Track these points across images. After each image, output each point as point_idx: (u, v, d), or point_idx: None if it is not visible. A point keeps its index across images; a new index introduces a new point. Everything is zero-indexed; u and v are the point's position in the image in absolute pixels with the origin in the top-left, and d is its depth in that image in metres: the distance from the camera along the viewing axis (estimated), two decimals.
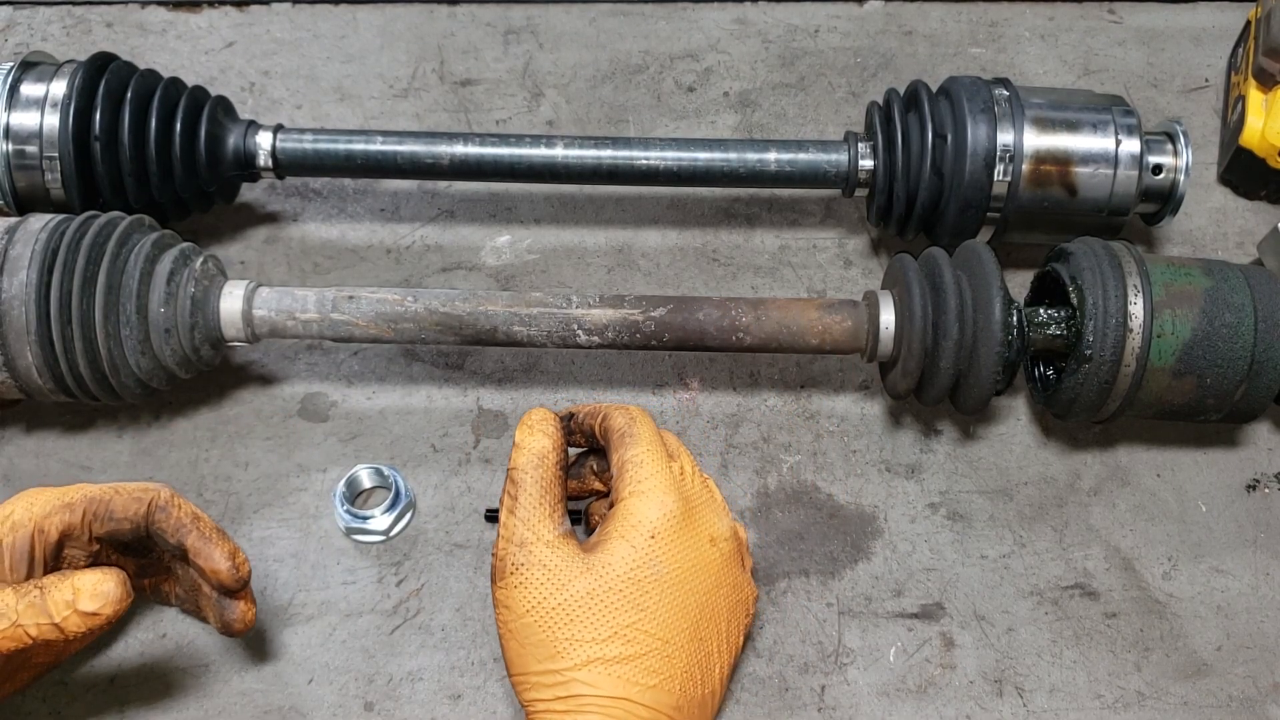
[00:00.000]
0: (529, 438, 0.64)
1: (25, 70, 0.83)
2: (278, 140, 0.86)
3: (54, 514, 0.64)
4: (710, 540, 0.64)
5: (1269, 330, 0.74)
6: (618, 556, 0.62)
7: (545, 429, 0.65)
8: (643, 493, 0.64)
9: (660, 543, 0.63)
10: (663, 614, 0.62)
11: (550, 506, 0.63)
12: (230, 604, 0.68)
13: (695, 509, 0.65)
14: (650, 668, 0.61)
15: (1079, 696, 0.74)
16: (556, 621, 0.60)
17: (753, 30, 1.07)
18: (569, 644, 0.60)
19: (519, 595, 0.61)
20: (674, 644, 0.62)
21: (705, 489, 0.67)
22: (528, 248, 0.94)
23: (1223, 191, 0.98)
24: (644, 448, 0.65)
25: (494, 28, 1.06)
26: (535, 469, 0.64)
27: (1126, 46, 1.06)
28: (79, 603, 0.58)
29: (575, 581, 0.61)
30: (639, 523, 0.63)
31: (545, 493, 0.63)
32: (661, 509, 0.63)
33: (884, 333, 0.76)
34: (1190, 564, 0.79)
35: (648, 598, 0.61)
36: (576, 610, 0.61)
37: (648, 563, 0.62)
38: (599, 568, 0.62)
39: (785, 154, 0.86)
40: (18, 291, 0.71)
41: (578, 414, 0.70)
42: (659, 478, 0.64)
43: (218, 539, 0.65)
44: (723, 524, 0.66)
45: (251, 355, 0.87)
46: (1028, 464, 0.83)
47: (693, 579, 0.63)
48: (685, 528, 0.64)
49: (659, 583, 0.62)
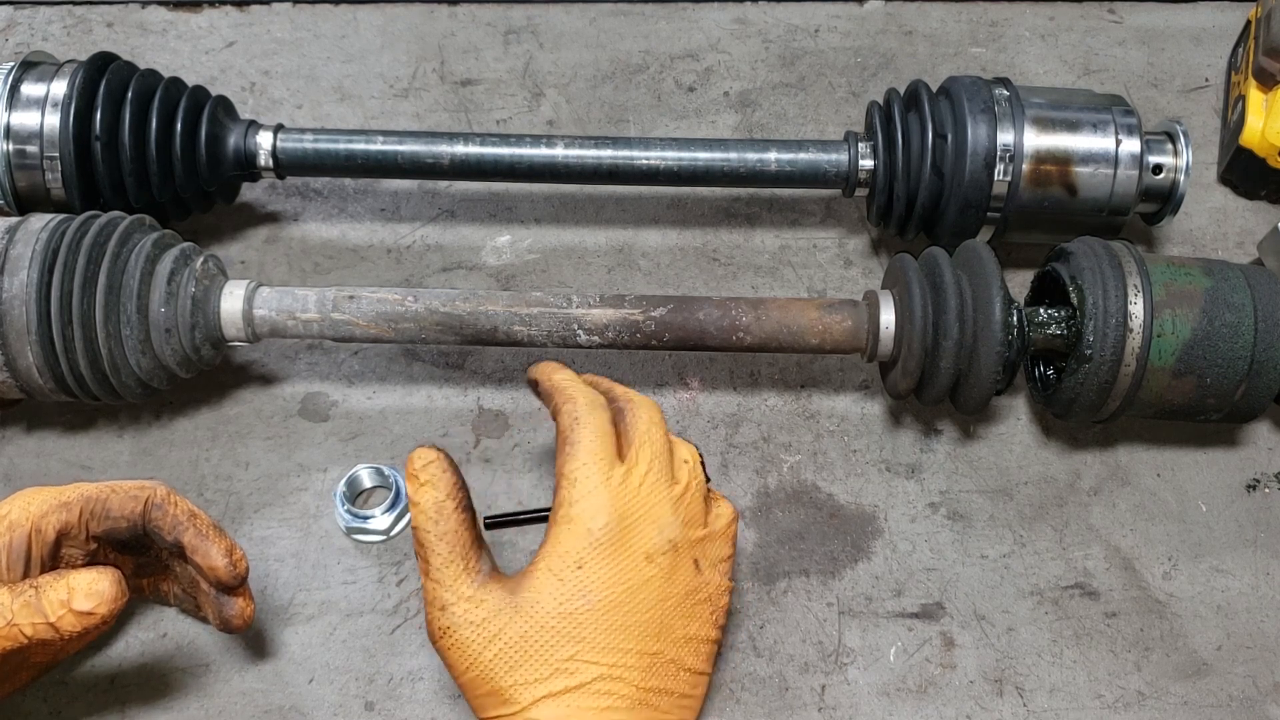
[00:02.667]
0: (419, 492, 0.61)
1: (26, 70, 0.83)
2: (278, 140, 0.86)
3: (51, 513, 0.63)
4: (646, 558, 0.62)
5: (1269, 330, 0.74)
6: (546, 593, 0.60)
7: (433, 479, 0.61)
8: (571, 519, 0.61)
9: (588, 571, 0.61)
10: (601, 640, 0.60)
11: (462, 558, 0.60)
12: (229, 601, 0.68)
13: (631, 526, 0.62)
14: (600, 690, 0.60)
15: (1079, 696, 0.74)
16: (497, 670, 0.60)
17: (753, 30, 1.07)
18: (514, 689, 0.59)
19: (455, 655, 0.60)
20: (621, 664, 0.60)
21: (655, 493, 0.63)
22: (528, 247, 0.94)
23: (1223, 191, 0.98)
24: (580, 461, 0.62)
25: (494, 28, 1.07)
26: (435, 525, 0.60)
27: (1127, 46, 1.06)
28: (74, 602, 0.58)
29: (507, 629, 0.60)
30: (565, 553, 0.61)
31: (453, 547, 0.60)
32: (588, 537, 0.61)
33: (884, 332, 0.76)
34: (1190, 564, 0.79)
35: (583, 629, 0.60)
36: (513, 656, 0.60)
37: (578, 594, 0.60)
38: (528, 608, 0.60)
39: (785, 154, 0.86)
40: (18, 291, 0.72)
41: (540, 388, 0.68)
42: (589, 499, 0.61)
43: (215, 536, 0.65)
44: (662, 538, 0.63)
45: (252, 355, 0.87)
46: (1028, 464, 0.83)
47: (630, 599, 0.61)
48: (616, 551, 0.61)
49: (593, 612, 0.60)
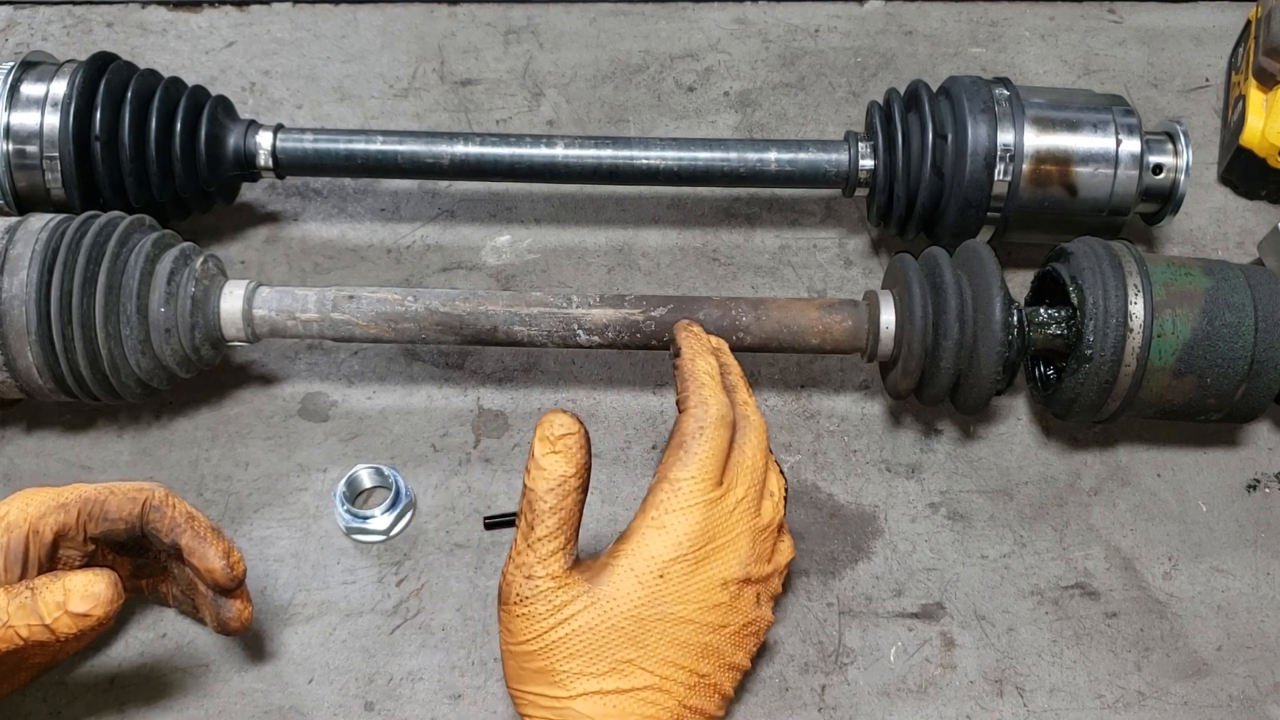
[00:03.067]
0: (552, 461, 0.59)
1: (25, 70, 0.83)
2: (278, 140, 0.86)
3: (49, 514, 0.63)
4: (722, 584, 0.63)
5: (1269, 330, 0.74)
6: (623, 592, 0.61)
7: (570, 452, 0.60)
8: (664, 526, 0.62)
9: (669, 583, 0.61)
10: (662, 651, 0.61)
11: (565, 538, 0.60)
12: (226, 603, 0.68)
13: (717, 550, 0.63)
14: (646, 699, 0.61)
15: (1079, 696, 0.74)
16: (557, 653, 0.60)
17: (753, 30, 1.07)
18: (567, 675, 0.60)
19: (522, 625, 0.61)
20: (672, 679, 0.61)
21: (740, 522, 0.63)
22: (528, 247, 0.94)
23: (1223, 191, 0.98)
24: (691, 472, 0.62)
25: (494, 28, 1.06)
26: (554, 497, 0.60)
27: (1127, 46, 1.06)
28: (69, 604, 0.58)
29: (578, 616, 0.60)
30: (651, 558, 0.61)
31: (563, 524, 0.60)
32: (677, 549, 0.61)
33: (884, 332, 0.76)
34: (1190, 564, 0.79)
35: (649, 636, 0.61)
36: (577, 644, 0.60)
37: (652, 601, 0.61)
38: (603, 602, 0.60)
39: (785, 154, 0.86)
40: (18, 291, 0.71)
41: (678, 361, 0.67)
42: (688, 512, 0.62)
43: (212, 538, 0.65)
44: (740, 567, 0.63)
45: (252, 355, 0.87)
46: (1028, 464, 0.83)
47: (697, 618, 0.62)
48: (698, 571, 0.62)
49: (662, 622, 0.61)
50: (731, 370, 0.70)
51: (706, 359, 0.68)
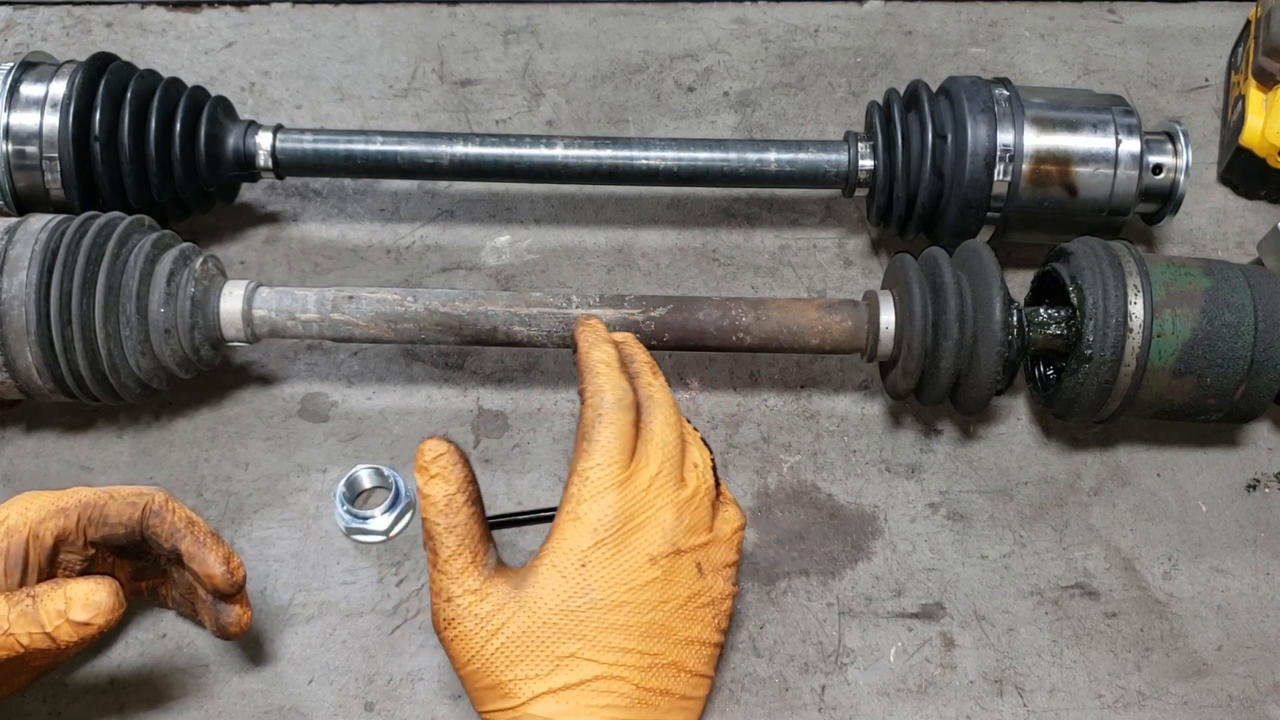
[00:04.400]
0: (430, 484, 0.61)
1: (25, 70, 0.83)
2: (277, 140, 0.86)
3: (48, 519, 0.63)
4: (649, 560, 0.62)
5: (1269, 330, 0.74)
6: (548, 589, 0.61)
7: (444, 471, 0.61)
8: (578, 517, 0.62)
9: (592, 570, 0.61)
10: (602, 638, 0.61)
11: (471, 551, 0.61)
12: (225, 608, 0.67)
13: (637, 529, 0.62)
14: (600, 689, 0.60)
15: (1079, 696, 0.74)
16: (498, 664, 0.60)
17: (753, 30, 1.07)
18: (514, 683, 0.60)
19: (458, 647, 0.61)
20: (621, 663, 0.61)
21: (661, 496, 0.63)
22: (528, 248, 0.94)
23: (1223, 191, 0.98)
24: (595, 461, 0.62)
25: (494, 28, 1.06)
26: (445, 517, 0.61)
27: (1126, 46, 1.06)
28: (71, 612, 0.58)
29: (510, 623, 0.60)
30: (570, 550, 0.61)
31: (462, 540, 0.61)
32: (594, 536, 0.61)
33: (884, 333, 0.76)
34: (1190, 564, 0.79)
35: (584, 626, 0.61)
36: (515, 650, 0.60)
37: (580, 592, 0.61)
38: (531, 603, 0.60)
39: (785, 154, 0.86)
40: (18, 291, 0.71)
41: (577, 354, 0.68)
42: (598, 500, 0.62)
43: (212, 543, 0.65)
44: (666, 542, 0.63)
45: (251, 355, 0.87)
46: (1028, 464, 0.83)
47: (631, 599, 0.62)
48: (620, 553, 0.62)
49: (595, 610, 0.61)
50: (636, 358, 0.70)
51: (602, 348, 0.68)
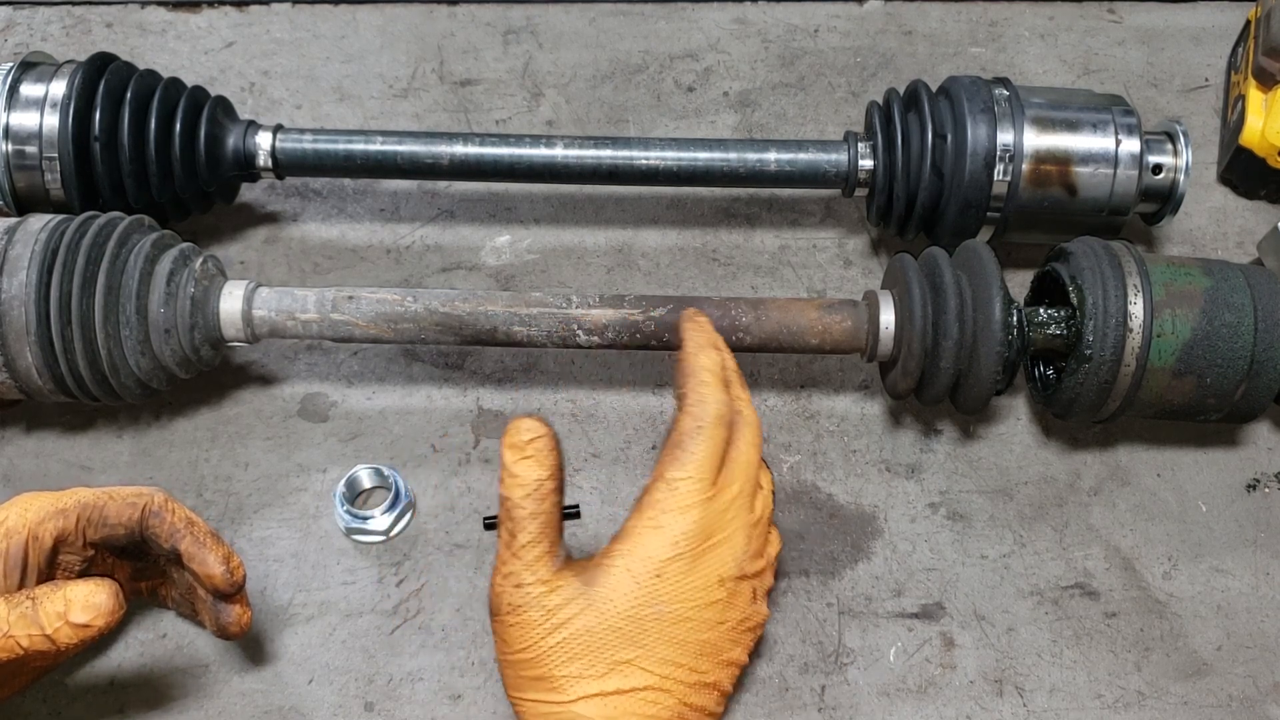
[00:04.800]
0: (521, 465, 0.60)
1: (25, 70, 0.83)
2: (277, 140, 0.86)
3: (48, 520, 0.63)
4: (719, 581, 0.62)
5: (1269, 330, 0.74)
6: (620, 592, 0.60)
7: (540, 455, 0.60)
8: (660, 526, 0.61)
9: (666, 583, 0.61)
10: (661, 651, 0.61)
11: (550, 540, 0.60)
12: (225, 608, 0.67)
13: (713, 548, 0.62)
14: (647, 699, 0.61)
15: (1079, 696, 0.74)
16: (554, 659, 0.60)
17: (752, 30, 1.07)
18: (566, 680, 0.60)
19: (516, 634, 0.60)
20: (671, 678, 0.61)
21: (735, 519, 0.63)
22: (528, 248, 0.94)
23: (1222, 191, 0.98)
24: (688, 472, 0.61)
25: (494, 28, 1.06)
26: (532, 503, 0.60)
27: (1126, 46, 1.06)
28: (71, 614, 0.58)
29: (574, 620, 0.60)
30: (648, 558, 0.61)
31: (544, 527, 0.60)
32: (674, 549, 0.61)
33: (884, 332, 0.76)
34: (1190, 564, 0.79)
35: (646, 635, 0.61)
36: (574, 647, 0.60)
37: (650, 601, 0.60)
38: (599, 603, 0.60)
39: (785, 154, 0.86)
40: (17, 292, 0.71)
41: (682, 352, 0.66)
42: (685, 512, 0.61)
43: (212, 543, 0.65)
44: (735, 564, 0.63)
45: (251, 355, 0.87)
46: (1028, 464, 0.83)
47: (695, 616, 0.62)
48: (695, 569, 0.62)
49: (659, 621, 0.61)
50: (728, 366, 0.69)
51: (710, 354, 0.67)
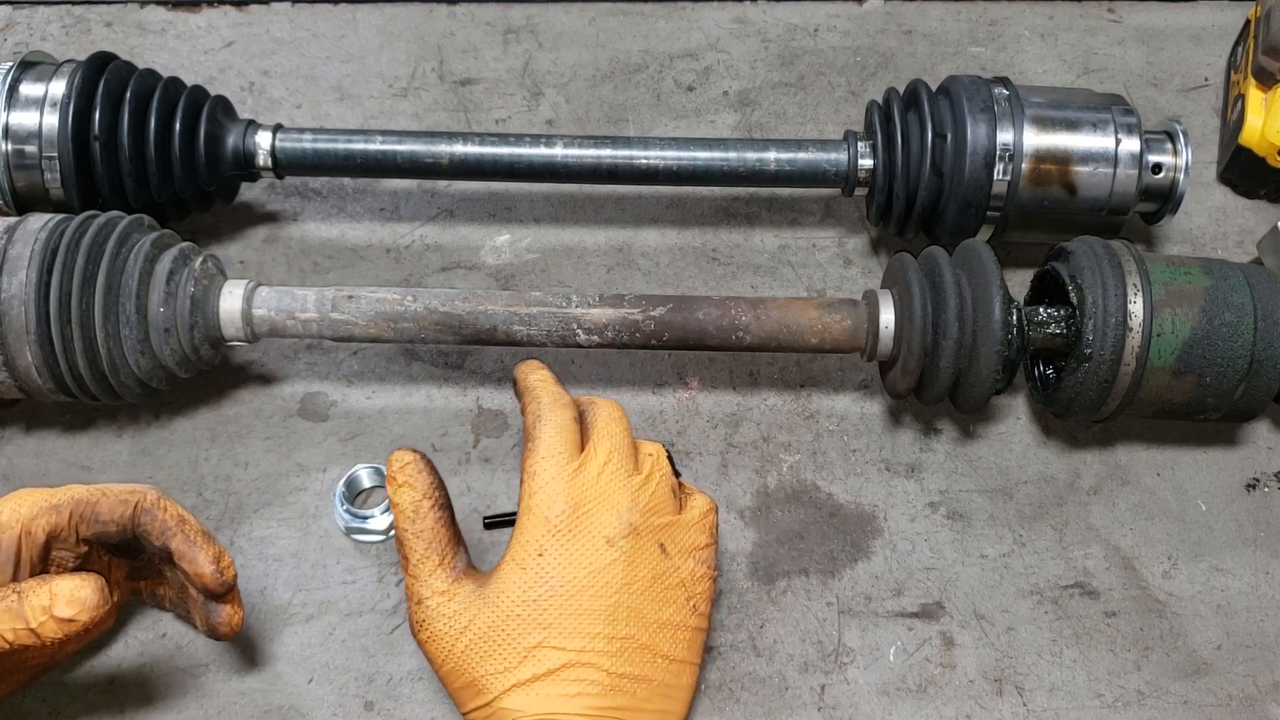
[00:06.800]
0: (398, 493, 0.64)
1: (24, 70, 0.83)
2: (277, 140, 0.86)
3: (41, 515, 0.63)
4: (606, 542, 0.63)
5: (1269, 329, 0.74)
6: (510, 583, 0.63)
7: (410, 480, 0.64)
8: (530, 509, 0.64)
9: (549, 558, 0.63)
10: (567, 624, 0.62)
11: (439, 555, 0.63)
12: (216, 608, 0.67)
13: (589, 513, 0.64)
14: (570, 677, 0.61)
15: (1079, 695, 0.74)
16: (470, 661, 0.62)
17: (752, 29, 1.07)
18: (486, 678, 0.62)
19: (432, 649, 0.63)
20: (589, 649, 0.62)
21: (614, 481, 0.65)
22: (527, 247, 0.94)
23: (1222, 190, 0.98)
24: (540, 455, 0.65)
25: (494, 27, 1.06)
26: (412, 523, 0.64)
27: (1126, 45, 1.06)
28: (55, 608, 0.58)
29: (476, 620, 0.62)
30: (526, 542, 0.63)
31: (430, 544, 0.63)
32: (546, 523, 0.63)
33: (884, 332, 0.76)
34: (1190, 563, 0.79)
35: (548, 615, 0.62)
36: (483, 646, 0.62)
37: (540, 581, 0.62)
38: (495, 599, 0.62)
39: (785, 153, 0.86)
40: (17, 291, 0.71)
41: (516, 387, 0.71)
42: (546, 490, 0.64)
43: (203, 542, 0.65)
44: (621, 523, 0.64)
45: (251, 355, 0.87)
46: (1027, 463, 0.83)
47: (591, 583, 0.63)
48: (573, 537, 0.63)
49: (555, 597, 0.62)
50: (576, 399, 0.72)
51: (537, 373, 0.71)
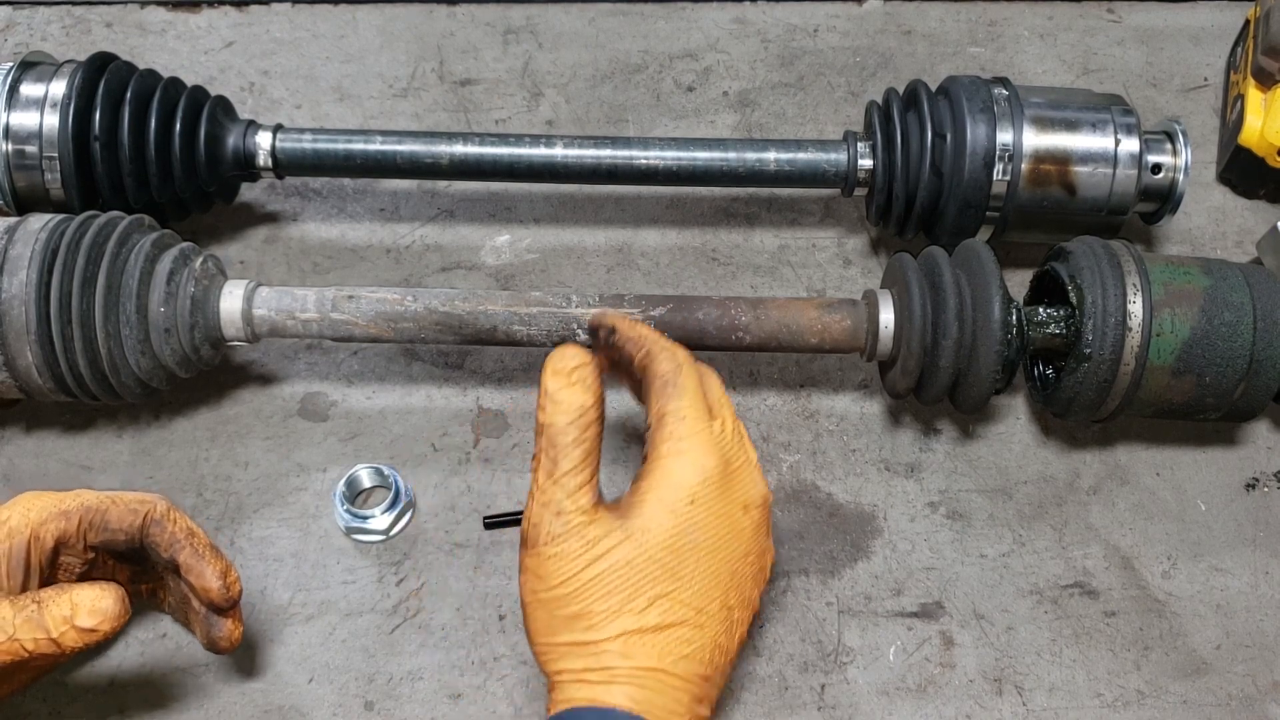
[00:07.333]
0: (566, 391, 0.58)
1: (25, 70, 0.83)
2: (277, 140, 0.86)
3: (50, 521, 0.63)
4: (744, 507, 0.62)
5: (1268, 329, 0.74)
6: (656, 522, 0.59)
7: (585, 381, 0.59)
8: (683, 452, 0.60)
9: (699, 508, 0.59)
10: (698, 583, 0.59)
11: (591, 472, 0.59)
12: (218, 622, 0.67)
13: (733, 473, 0.61)
14: (683, 637, 0.59)
15: (1079, 695, 0.74)
16: (593, 593, 0.58)
17: (752, 30, 1.07)
18: (604, 616, 0.58)
19: (554, 566, 0.58)
20: (706, 612, 0.60)
21: (742, 449, 0.63)
22: (527, 247, 0.94)
23: (1222, 190, 0.98)
24: (688, 401, 0.61)
25: (493, 27, 1.07)
26: (577, 429, 0.58)
27: (1125, 46, 1.07)
28: (77, 619, 0.58)
29: (614, 551, 0.58)
30: (678, 485, 0.59)
31: (587, 456, 0.59)
32: (702, 473, 0.60)
33: (883, 332, 0.76)
34: (1189, 563, 0.79)
35: (684, 566, 0.59)
36: (614, 581, 0.58)
37: (686, 530, 0.59)
38: (637, 534, 0.58)
39: (784, 153, 0.86)
40: (17, 291, 0.71)
41: (619, 334, 0.65)
42: (700, 437, 0.60)
43: (211, 556, 0.65)
44: (757, 489, 0.63)
45: (251, 355, 0.87)
46: (1027, 463, 0.83)
47: (726, 547, 0.61)
48: (723, 493, 0.60)
49: (695, 550, 0.59)
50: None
51: (643, 326, 0.67)
